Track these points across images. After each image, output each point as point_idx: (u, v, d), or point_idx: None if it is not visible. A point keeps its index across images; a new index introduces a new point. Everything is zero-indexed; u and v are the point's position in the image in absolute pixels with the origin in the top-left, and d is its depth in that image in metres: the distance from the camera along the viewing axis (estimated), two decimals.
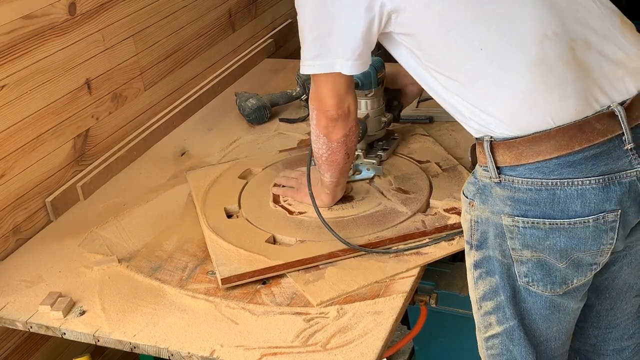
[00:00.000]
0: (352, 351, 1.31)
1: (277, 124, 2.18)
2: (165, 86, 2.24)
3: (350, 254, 1.54)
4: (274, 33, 2.80)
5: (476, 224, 1.34)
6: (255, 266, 1.51)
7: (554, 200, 1.25)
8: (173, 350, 1.36)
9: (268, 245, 1.59)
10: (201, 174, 1.90)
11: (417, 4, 1.27)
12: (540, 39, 1.25)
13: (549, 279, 1.32)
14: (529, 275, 1.32)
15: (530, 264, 1.31)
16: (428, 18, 1.27)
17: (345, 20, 1.31)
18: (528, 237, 1.28)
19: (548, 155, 1.24)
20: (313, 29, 1.36)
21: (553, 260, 1.29)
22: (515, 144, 1.26)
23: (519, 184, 1.26)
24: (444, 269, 1.94)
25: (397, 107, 1.90)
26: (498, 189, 1.29)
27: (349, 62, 1.35)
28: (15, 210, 1.73)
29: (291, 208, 1.71)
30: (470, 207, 1.34)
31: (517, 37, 1.25)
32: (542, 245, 1.28)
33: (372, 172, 1.79)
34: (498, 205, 1.29)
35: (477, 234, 1.35)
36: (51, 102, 1.80)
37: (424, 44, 1.30)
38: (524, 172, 1.26)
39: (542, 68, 1.24)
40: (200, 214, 1.72)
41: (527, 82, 1.24)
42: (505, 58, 1.25)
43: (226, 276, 1.49)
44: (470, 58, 1.26)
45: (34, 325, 1.47)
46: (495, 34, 1.25)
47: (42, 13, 1.74)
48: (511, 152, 1.26)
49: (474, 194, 1.33)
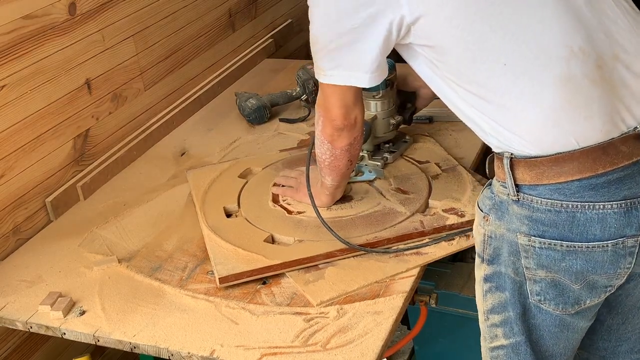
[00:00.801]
0: (352, 351, 1.31)
1: (277, 124, 2.18)
2: (165, 86, 2.24)
3: (348, 254, 1.54)
4: (274, 33, 2.80)
5: (489, 239, 1.32)
6: (253, 265, 1.51)
7: (573, 223, 1.22)
8: (173, 350, 1.36)
9: (266, 245, 1.59)
10: (201, 173, 1.90)
11: (437, 17, 1.23)
12: (566, 55, 1.20)
13: (562, 299, 1.29)
14: (541, 294, 1.30)
15: (543, 283, 1.28)
16: (449, 30, 1.23)
17: (365, 34, 1.28)
18: (544, 257, 1.25)
19: (570, 177, 1.20)
20: (331, 41, 1.32)
21: (567, 282, 1.27)
22: (536, 163, 1.22)
23: (538, 203, 1.23)
24: (444, 269, 1.94)
25: (410, 109, 1.88)
26: (515, 207, 1.26)
27: (367, 74, 1.32)
28: (15, 210, 1.73)
29: (290, 208, 1.71)
30: (484, 221, 1.32)
31: (542, 53, 1.21)
32: (558, 266, 1.25)
33: (373, 175, 1.79)
34: (514, 223, 1.27)
35: (490, 249, 1.32)
36: (51, 102, 1.80)
37: (445, 56, 1.26)
38: (544, 192, 1.23)
39: (567, 86, 1.20)
40: (199, 213, 1.72)
41: (552, 101, 1.20)
42: (529, 74, 1.21)
43: (224, 275, 1.49)
44: (493, 73, 1.22)
45: (34, 325, 1.47)
46: (520, 48, 1.21)
47: (42, 13, 1.74)
48: (532, 171, 1.23)
49: (490, 209, 1.31)
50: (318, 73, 1.38)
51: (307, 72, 2.21)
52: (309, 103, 2.21)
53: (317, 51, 1.36)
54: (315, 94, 2.20)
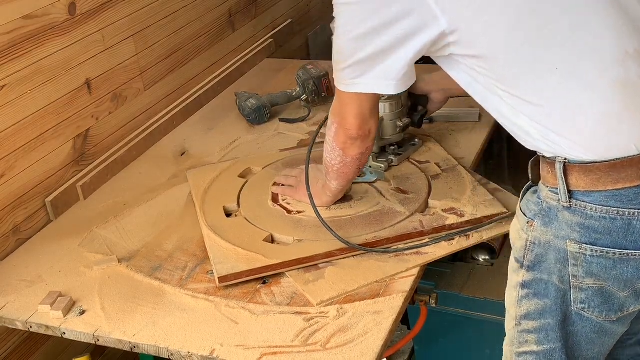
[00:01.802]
0: (352, 351, 1.31)
1: (277, 124, 2.18)
2: (165, 86, 2.24)
3: (347, 254, 1.54)
4: (274, 33, 2.80)
5: (532, 245, 1.28)
6: (253, 265, 1.51)
7: (628, 231, 1.19)
8: (173, 349, 1.36)
9: (266, 244, 1.59)
10: (201, 173, 1.91)
11: (476, 25, 1.18)
12: (621, 57, 1.16)
13: (606, 306, 1.27)
14: (586, 302, 1.27)
15: (590, 291, 1.26)
16: (492, 37, 1.19)
17: (398, 48, 1.24)
18: (594, 265, 1.23)
19: (629, 184, 1.17)
20: (359, 54, 1.28)
21: (615, 289, 1.25)
22: (593, 168, 1.19)
23: (593, 210, 1.20)
24: (444, 269, 1.94)
25: (420, 112, 1.87)
26: (567, 214, 1.23)
27: (394, 82, 1.28)
28: (15, 210, 1.73)
29: (289, 207, 1.71)
30: (528, 227, 1.28)
31: (595, 55, 1.16)
32: (608, 274, 1.23)
33: (374, 177, 1.79)
34: (564, 230, 1.23)
35: (532, 256, 1.29)
36: (51, 102, 1.80)
37: (490, 63, 1.21)
38: (599, 199, 1.19)
39: (624, 89, 1.17)
40: (199, 213, 1.72)
41: (608, 105, 1.17)
42: (583, 78, 1.17)
43: (223, 274, 1.49)
44: (544, 77, 1.18)
45: (34, 324, 1.47)
46: (571, 51, 1.17)
47: (42, 13, 1.74)
48: (587, 177, 1.19)
49: (535, 214, 1.27)
50: (339, 82, 1.35)
51: (307, 72, 2.21)
52: (309, 103, 2.21)
53: (342, 61, 1.32)
54: (315, 94, 2.21)
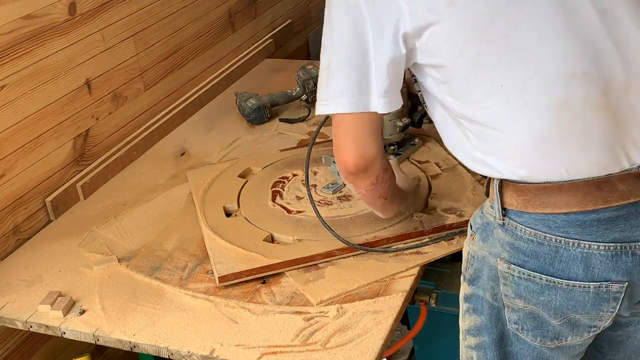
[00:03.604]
0: (351, 350, 1.31)
1: (277, 124, 2.18)
2: (165, 86, 2.24)
3: (347, 253, 1.54)
4: (274, 33, 2.80)
5: (472, 258, 1.27)
6: (253, 264, 1.52)
7: (555, 258, 1.15)
8: (173, 349, 1.36)
9: (266, 244, 1.59)
10: (201, 172, 1.91)
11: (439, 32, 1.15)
12: (566, 79, 1.11)
13: (540, 332, 1.23)
14: (519, 323, 1.24)
15: (522, 313, 1.22)
16: (450, 49, 1.15)
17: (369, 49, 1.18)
18: (522, 288, 1.19)
19: (557, 210, 1.13)
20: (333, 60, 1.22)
21: (546, 316, 1.20)
22: (524, 189, 1.15)
23: (522, 232, 1.17)
24: (444, 269, 1.94)
25: (420, 112, 1.86)
26: (500, 231, 1.20)
27: (379, 98, 1.20)
28: (15, 210, 1.73)
29: (289, 207, 1.71)
30: (470, 240, 1.27)
31: (539, 75, 1.12)
32: (536, 299, 1.19)
33: None
34: (496, 248, 1.21)
35: (471, 270, 1.28)
36: (51, 102, 1.81)
37: (446, 75, 1.18)
38: (528, 221, 1.16)
39: (564, 112, 1.11)
40: (199, 212, 1.72)
41: (544, 125, 1.12)
42: (524, 97, 1.12)
43: (223, 274, 1.49)
44: (489, 94, 1.14)
45: (34, 324, 1.47)
46: (517, 70, 1.12)
47: (42, 13, 1.74)
48: (519, 197, 1.16)
49: (477, 228, 1.25)
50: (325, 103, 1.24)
51: (307, 72, 2.21)
52: (308, 103, 2.21)
53: (327, 77, 1.24)
54: (315, 94, 2.20)
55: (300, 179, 1.82)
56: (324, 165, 1.87)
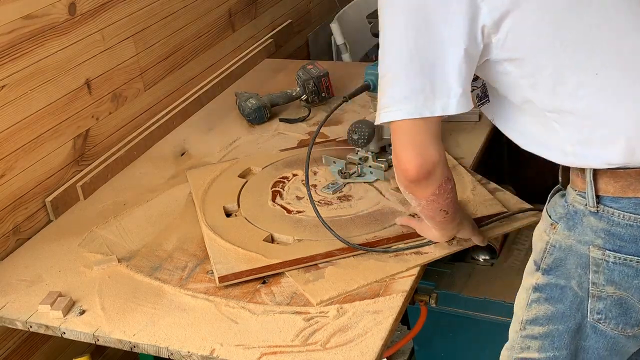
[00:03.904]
0: (351, 350, 1.31)
1: (277, 124, 2.18)
2: (165, 86, 2.24)
3: (347, 253, 1.54)
4: (274, 33, 2.80)
5: (552, 248, 1.26)
6: (253, 265, 1.52)
7: None
8: (173, 349, 1.36)
9: (266, 244, 1.59)
10: (201, 172, 1.91)
11: (522, 23, 1.13)
12: None
13: (624, 319, 1.24)
14: (603, 313, 1.24)
15: (609, 300, 1.23)
16: (536, 40, 1.14)
17: (442, 50, 1.14)
18: (616, 273, 1.20)
19: None
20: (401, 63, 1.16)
21: (635, 301, 1.22)
22: (623, 174, 1.16)
23: (620, 217, 1.18)
24: (444, 269, 1.94)
25: None
26: (592, 219, 1.20)
27: (452, 99, 1.16)
28: (15, 210, 1.73)
29: (289, 207, 1.71)
30: (551, 229, 1.26)
31: (637, 62, 1.14)
32: (629, 284, 1.20)
33: (374, 177, 1.79)
34: (588, 235, 1.21)
35: (550, 259, 1.27)
36: (51, 102, 1.81)
37: (528, 68, 1.17)
38: (628, 206, 1.17)
39: None
40: (199, 213, 1.72)
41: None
42: (623, 83, 1.14)
43: (223, 274, 1.49)
44: (584, 84, 1.15)
45: (34, 324, 1.47)
46: (612, 56, 1.14)
47: (42, 13, 1.74)
48: (617, 183, 1.17)
49: (560, 217, 1.24)
50: (387, 111, 1.19)
51: (307, 72, 2.21)
52: (309, 103, 2.21)
53: (380, 84, 1.19)
54: (315, 94, 2.21)
55: (301, 179, 1.82)
56: (324, 165, 1.87)
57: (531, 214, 1.63)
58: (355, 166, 1.83)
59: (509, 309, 1.82)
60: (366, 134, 1.76)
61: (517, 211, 1.64)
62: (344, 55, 2.88)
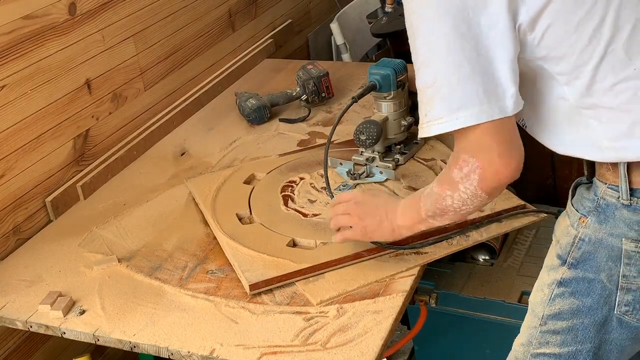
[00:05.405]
0: (351, 350, 1.31)
1: (277, 124, 2.18)
2: (165, 86, 2.24)
3: (375, 254, 1.52)
4: (274, 33, 2.80)
5: (580, 241, 1.25)
6: (283, 270, 1.49)
7: None
8: (173, 349, 1.36)
9: (290, 249, 1.56)
10: (203, 180, 1.87)
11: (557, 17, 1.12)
12: None
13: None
14: (631, 304, 1.25)
15: (638, 292, 1.23)
16: (577, 38, 1.13)
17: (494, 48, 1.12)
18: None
19: None
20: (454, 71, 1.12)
21: None
22: None
23: None
24: (444, 269, 1.94)
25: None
26: (625, 212, 1.20)
27: (509, 100, 1.13)
28: (15, 210, 1.73)
29: (304, 211, 1.70)
30: (579, 223, 1.25)
31: None
32: None
33: (384, 176, 1.79)
34: (620, 228, 1.21)
35: (578, 253, 1.26)
36: (51, 102, 1.81)
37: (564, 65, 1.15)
38: None
39: None
40: (212, 222, 1.69)
41: None
42: None
43: (254, 282, 1.46)
44: (624, 78, 1.14)
45: (34, 324, 1.47)
46: None
47: (42, 13, 1.74)
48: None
49: (589, 211, 1.24)
50: (436, 124, 1.15)
51: (307, 72, 2.21)
52: (309, 103, 2.21)
53: (426, 95, 1.16)
54: (315, 94, 2.21)
55: (309, 182, 1.81)
56: (330, 167, 1.86)
57: (531, 214, 1.63)
58: (362, 167, 1.82)
59: (509, 309, 1.83)
60: (374, 135, 1.75)
61: (518, 211, 1.64)
62: (344, 55, 2.88)
